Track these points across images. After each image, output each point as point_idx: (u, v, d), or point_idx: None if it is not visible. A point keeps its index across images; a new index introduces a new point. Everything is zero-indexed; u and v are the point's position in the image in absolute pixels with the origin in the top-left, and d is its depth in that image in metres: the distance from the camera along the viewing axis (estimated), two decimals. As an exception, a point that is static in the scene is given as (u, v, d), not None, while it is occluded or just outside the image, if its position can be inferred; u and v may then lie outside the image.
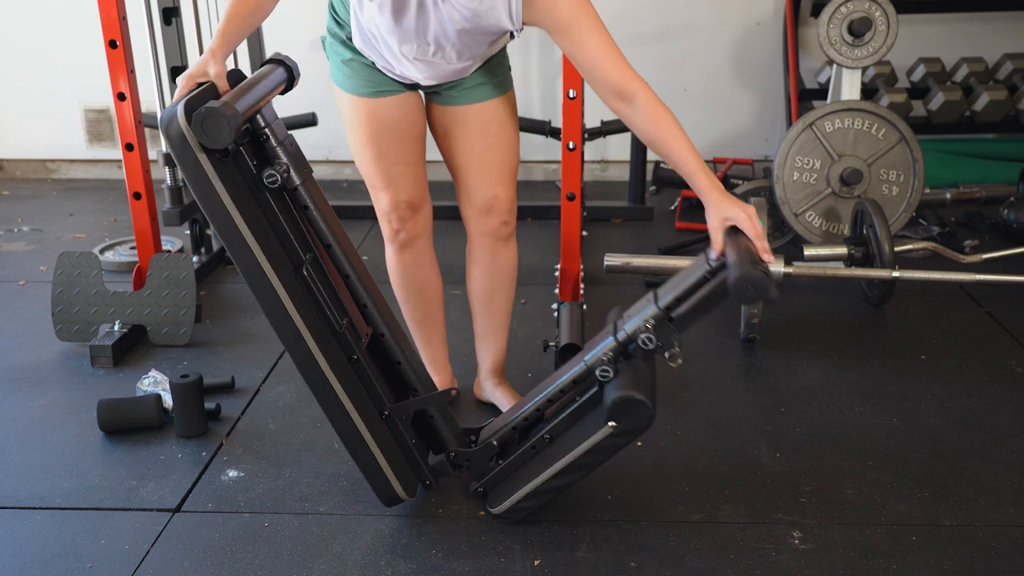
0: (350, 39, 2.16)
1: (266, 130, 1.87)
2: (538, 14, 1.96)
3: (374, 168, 2.24)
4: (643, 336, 1.93)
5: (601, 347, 1.99)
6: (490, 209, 2.31)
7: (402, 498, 2.05)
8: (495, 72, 2.24)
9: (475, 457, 2.08)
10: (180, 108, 1.73)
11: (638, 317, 1.95)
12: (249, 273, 1.84)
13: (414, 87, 2.23)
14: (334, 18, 2.20)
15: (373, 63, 2.16)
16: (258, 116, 1.87)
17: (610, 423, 1.91)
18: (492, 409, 2.52)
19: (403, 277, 2.40)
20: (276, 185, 1.85)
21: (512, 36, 2.08)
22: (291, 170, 1.88)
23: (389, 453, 2.00)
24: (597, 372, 1.96)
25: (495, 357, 2.51)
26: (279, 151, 1.88)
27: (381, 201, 2.29)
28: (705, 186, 1.91)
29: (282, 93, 1.99)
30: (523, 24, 1.99)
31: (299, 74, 2.01)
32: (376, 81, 2.18)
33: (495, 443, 2.07)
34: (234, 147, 1.83)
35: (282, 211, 1.89)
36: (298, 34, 4.69)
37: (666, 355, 1.93)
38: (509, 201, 2.32)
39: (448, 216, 3.08)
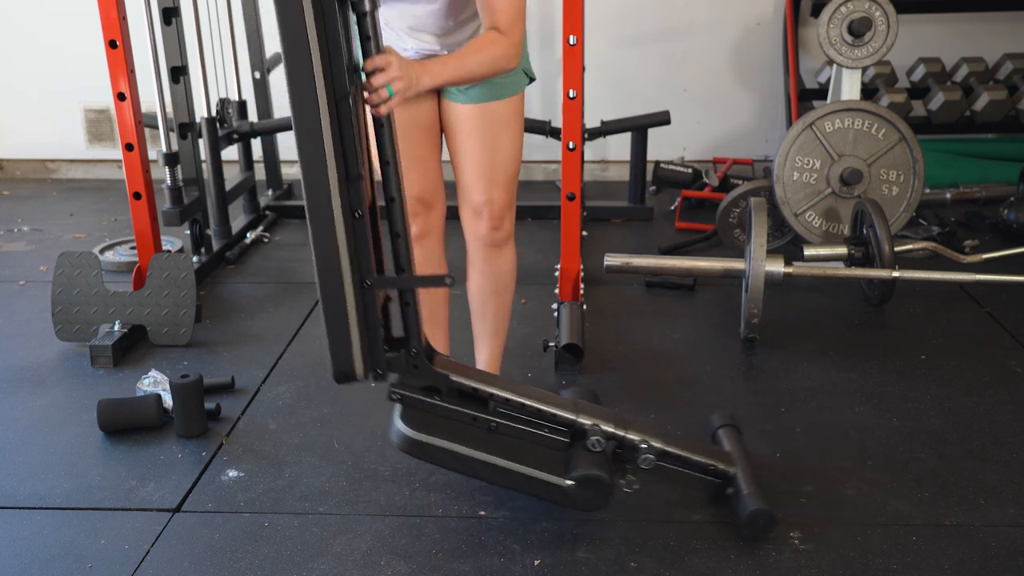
0: None
1: None
2: None
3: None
4: (644, 457, 2.02)
5: (604, 421, 2.03)
6: (481, 213, 2.28)
7: (357, 377, 1.97)
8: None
9: (427, 372, 1.99)
10: None
11: (638, 434, 2.03)
12: (299, 82, 1.75)
13: None
14: None
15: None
16: None
17: (568, 481, 1.96)
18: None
19: None
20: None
21: None
22: None
23: (362, 325, 1.94)
24: (588, 440, 2.00)
25: (487, 358, 2.52)
26: None
27: None
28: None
29: None
30: None
31: None
32: None
33: (452, 381, 2.00)
34: None
35: (344, 30, 1.80)
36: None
37: (622, 482, 2.04)
38: (503, 207, 2.28)
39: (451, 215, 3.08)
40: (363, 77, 1.82)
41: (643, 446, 2.02)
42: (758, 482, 2.05)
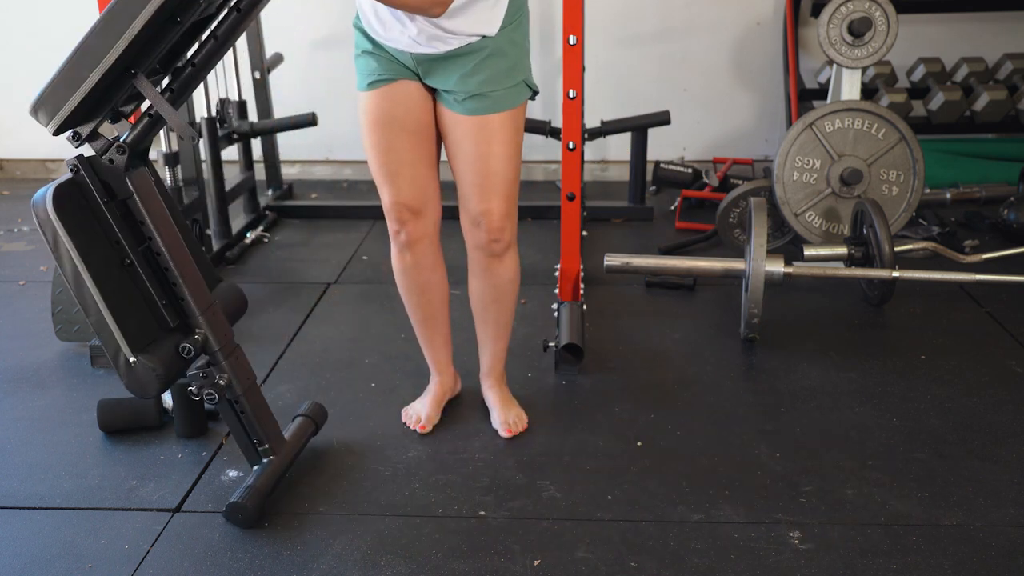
0: (356, 26, 2.16)
1: None
2: None
3: (373, 161, 2.23)
4: (212, 390, 2.07)
5: (217, 339, 2.06)
6: (479, 223, 2.24)
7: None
8: (500, 81, 2.12)
9: (119, 176, 1.94)
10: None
11: (232, 373, 2.08)
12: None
13: (415, 76, 2.15)
14: (358, 14, 2.17)
15: (373, 51, 2.14)
16: None
17: (133, 358, 1.94)
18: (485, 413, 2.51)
19: (404, 277, 2.38)
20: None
21: None
22: None
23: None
24: (185, 341, 2.00)
25: (489, 362, 2.50)
26: None
27: (383, 197, 2.26)
28: None
29: None
30: None
31: None
32: (373, 70, 2.15)
33: (134, 201, 1.95)
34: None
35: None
36: (298, 34, 4.69)
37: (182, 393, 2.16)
38: (501, 217, 2.22)
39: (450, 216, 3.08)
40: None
41: (221, 383, 2.05)
42: (275, 479, 2.12)
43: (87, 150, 1.92)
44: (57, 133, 1.87)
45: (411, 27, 2.07)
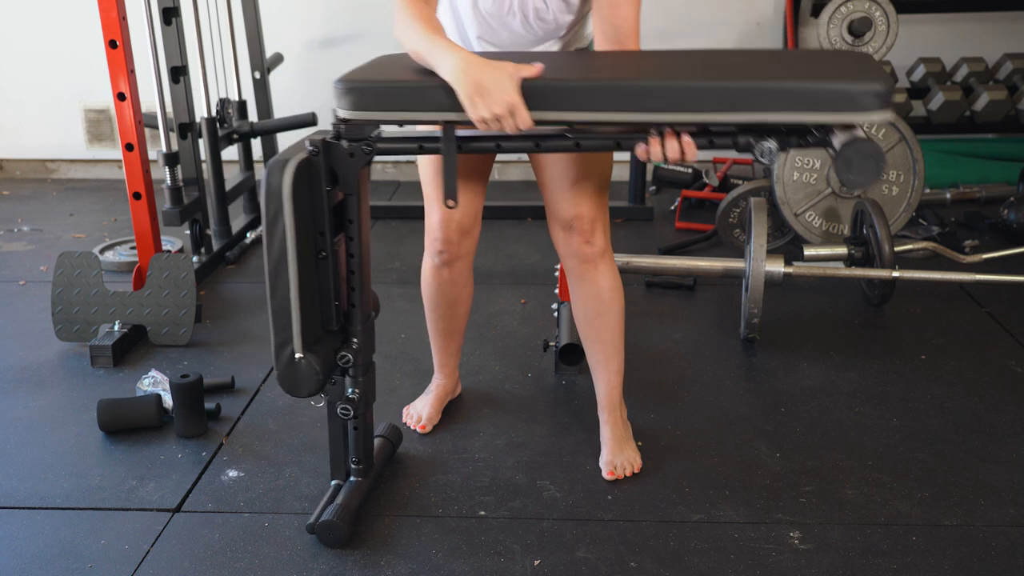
0: None
1: None
2: None
3: (436, 182, 2.15)
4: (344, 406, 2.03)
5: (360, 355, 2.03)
6: (571, 228, 2.16)
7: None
8: None
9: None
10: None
11: (361, 388, 2.05)
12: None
13: None
14: None
15: None
16: None
17: (299, 355, 1.90)
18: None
19: (436, 290, 2.33)
20: None
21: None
22: None
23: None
24: (343, 351, 1.99)
25: (603, 391, 2.30)
26: None
27: (432, 216, 2.20)
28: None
29: None
30: None
31: None
32: None
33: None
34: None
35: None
36: (298, 34, 4.69)
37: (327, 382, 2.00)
38: (592, 221, 2.14)
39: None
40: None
41: (354, 397, 2.01)
42: (363, 498, 2.10)
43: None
44: (343, 113, 1.81)
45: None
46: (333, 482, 2.12)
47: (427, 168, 2.19)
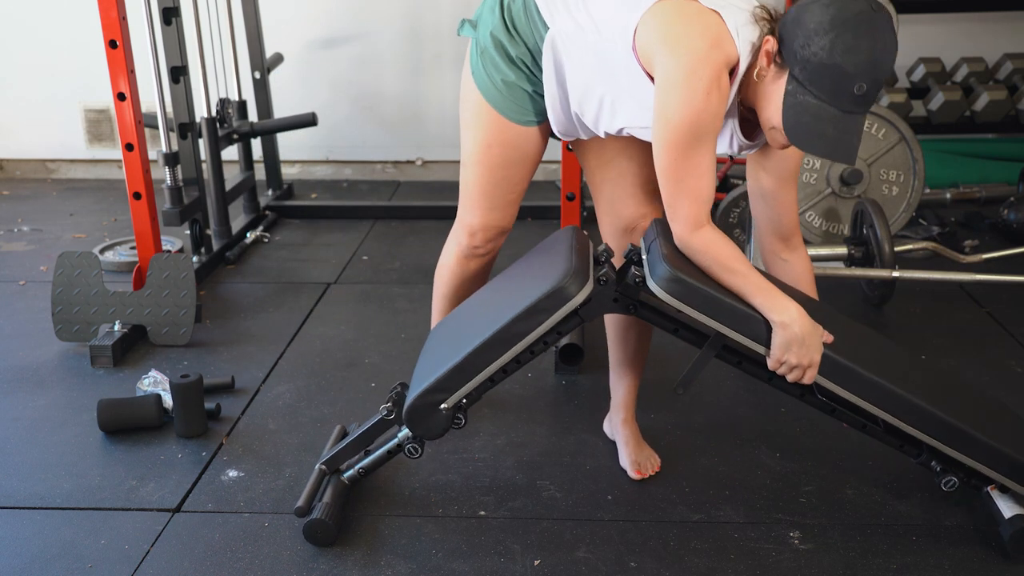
0: (519, 60, 1.97)
1: None
2: (778, 157, 2.08)
3: (485, 190, 2.12)
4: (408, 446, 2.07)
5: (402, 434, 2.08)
6: (635, 229, 2.16)
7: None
8: None
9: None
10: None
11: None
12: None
13: None
14: (506, 27, 1.97)
15: (533, 90, 2.00)
16: None
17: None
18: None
19: (459, 281, 2.29)
20: None
21: None
22: None
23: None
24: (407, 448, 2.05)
25: (624, 395, 2.34)
26: None
27: (474, 218, 2.15)
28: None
29: None
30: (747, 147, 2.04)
31: None
32: (528, 109, 2.02)
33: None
34: None
35: None
36: (298, 34, 4.70)
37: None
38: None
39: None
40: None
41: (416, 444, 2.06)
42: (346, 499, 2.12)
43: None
44: None
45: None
46: (319, 466, 2.14)
47: (479, 176, 2.12)
